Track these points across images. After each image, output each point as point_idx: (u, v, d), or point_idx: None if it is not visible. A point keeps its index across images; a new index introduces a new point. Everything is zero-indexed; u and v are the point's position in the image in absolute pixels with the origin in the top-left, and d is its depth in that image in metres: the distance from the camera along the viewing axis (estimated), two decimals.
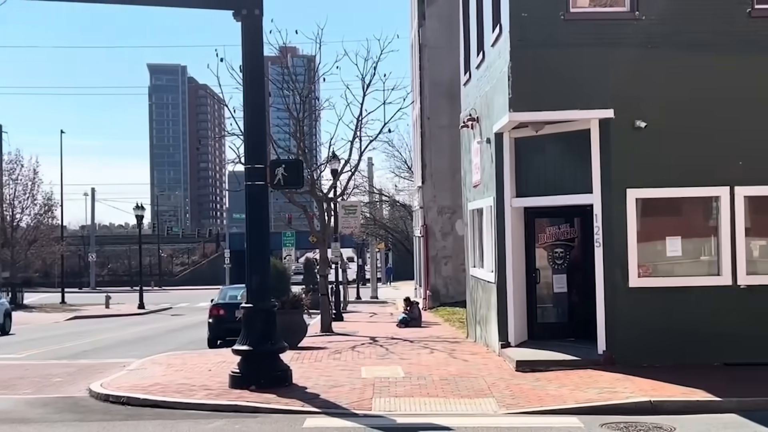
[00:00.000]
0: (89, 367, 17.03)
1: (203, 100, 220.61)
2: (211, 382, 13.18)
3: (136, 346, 22.82)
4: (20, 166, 51.30)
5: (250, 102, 13.20)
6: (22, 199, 51.20)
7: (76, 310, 44.74)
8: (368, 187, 55.02)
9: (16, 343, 25.16)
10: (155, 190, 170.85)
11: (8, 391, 13.61)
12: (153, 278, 79.37)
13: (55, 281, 67.04)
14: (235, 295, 22.73)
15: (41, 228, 52.17)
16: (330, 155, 26.41)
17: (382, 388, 12.31)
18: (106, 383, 13.35)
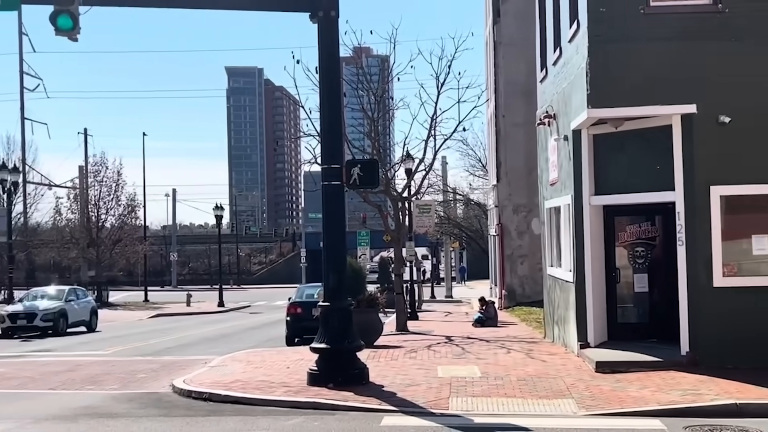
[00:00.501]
0: (172, 363, 17.50)
1: (279, 101, 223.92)
2: (289, 379, 13.38)
3: (216, 343, 23.33)
4: (105, 168, 52.97)
5: (326, 103, 13.33)
6: (107, 200, 52.84)
7: (158, 308, 46.00)
8: (442, 186, 54.90)
9: (102, 340, 26.03)
10: (233, 190, 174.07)
11: (96, 387, 14.08)
12: (232, 277, 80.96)
13: (138, 280, 69.03)
14: (312, 293, 22.99)
15: (125, 228, 53.71)
16: (404, 154, 26.46)
17: (458, 388, 12.27)
18: (189, 379, 13.69)
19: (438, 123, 23.58)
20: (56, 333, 27.92)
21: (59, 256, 62.68)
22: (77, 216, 52.64)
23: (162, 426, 10.34)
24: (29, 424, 10.56)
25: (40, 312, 28.31)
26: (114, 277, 66.66)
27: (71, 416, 11.06)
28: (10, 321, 28.04)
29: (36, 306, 28.86)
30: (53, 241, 58.88)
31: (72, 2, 12.41)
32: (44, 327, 28.06)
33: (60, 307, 29.02)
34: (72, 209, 53.45)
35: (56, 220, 57.07)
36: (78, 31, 12.43)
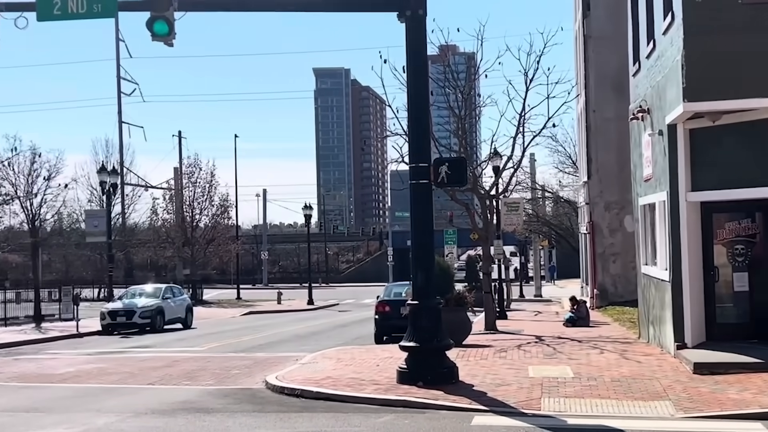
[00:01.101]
0: (264, 360, 17.86)
1: (365, 101, 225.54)
2: (379, 377, 13.46)
3: (306, 341, 23.67)
4: (199, 170, 54.38)
5: (413, 102, 13.35)
6: (201, 201, 54.24)
7: (250, 306, 46.98)
8: (531, 183, 54.18)
9: (197, 336, 26.76)
10: (321, 190, 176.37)
11: (192, 382, 14.49)
12: (320, 275, 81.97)
13: (230, 278, 70.67)
14: (400, 292, 23.06)
15: (218, 228, 55.04)
16: (492, 152, 26.22)
17: (550, 388, 12.10)
18: (281, 376, 13.94)
19: (526, 120, 23.28)
20: (153, 330, 28.84)
21: (156, 255, 64.74)
22: (173, 216, 54.24)
23: (256, 421, 10.55)
24: (130, 417, 10.94)
25: (138, 309, 29.30)
26: (208, 276, 68.44)
27: (169, 411, 11.41)
28: (111, 318, 29.11)
29: (135, 304, 29.87)
30: (150, 241, 60.88)
31: (167, 8, 12.80)
32: (142, 324, 29.02)
33: (157, 305, 29.98)
34: (168, 210, 55.12)
35: (153, 221, 58.99)
36: (173, 36, 12.81)
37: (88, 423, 10.56)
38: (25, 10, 13.19)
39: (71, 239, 52.78)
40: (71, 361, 18.62)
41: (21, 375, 16.03)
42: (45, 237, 39.10)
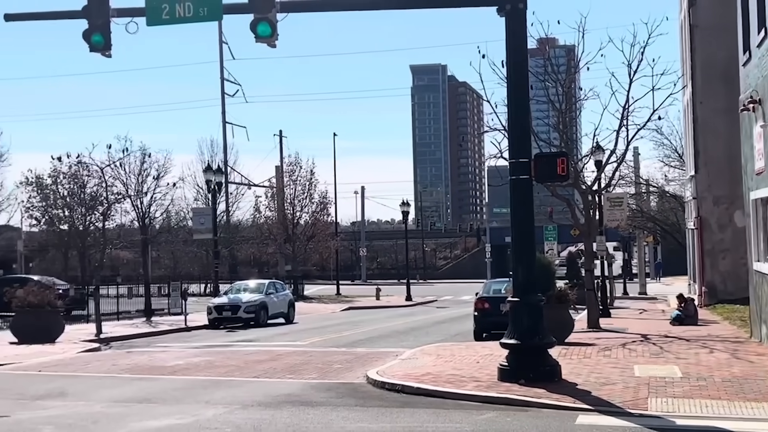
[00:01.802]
0: (365, 355, 18.05)
1: (462, 97, 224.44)
2: (479, 374, 13.40)
3: (405, 337, 23.78)
4: (299, 168, 55.38)
5: (513, 97, 13.22)
6: (301, 198, 55.25)
7: (350, 301, 47.53)
8: (635, 177, 52.75)
9: (299, 331, 27.27)
10: (418, 186, 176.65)
11: (295, 376, 14.78)
12: (418, 271, 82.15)
13: (330, 274, 71.68)
14: (499, 288, 22.88)
15: (318, 225, 55.91)
16: (594, 146, 25.67)
17: (657, 388, 11.77)
18: (382, 371, 14.06)
19: (630, 112, 22.69)
20: (257, 324, 29.56)
21: (258, 252, 66.30)
22: (274, 213, 55.44)
23: (358, 415, 10.69)
24: (237, 409, 11.27)
25: (243, 304, 30.10)
26: (308, 272, 69.62)
27: (275, 403, 11.69)
28: (217, 313, 30.01)
29: (239, 299, 30.69)
30: (253, 238, 62.44)
31: (270, 10, 13.09)
32: (247, 318, 29.79)
33: (261, 300, 30.72)
34: (270, 207, 56.40)
35: (255, 218, 60.55)
36: (276, 37, 13.09)
37: (198, 414, 10.93)
38: (135, 15, 13.74)
39: (179, 236, 54.61)
40: (180, 354, 19.30)
41: (134, 367, 16.71)
42: (154, 234, 40.54)
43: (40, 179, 38.08)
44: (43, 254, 67.83)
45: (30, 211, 39.32)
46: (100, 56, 13.84)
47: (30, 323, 22.51)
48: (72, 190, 37.69)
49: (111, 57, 13.77)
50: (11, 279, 33.94)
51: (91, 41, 13.52)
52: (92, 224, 38.46)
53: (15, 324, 23.08)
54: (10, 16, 14.57)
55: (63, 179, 37.86)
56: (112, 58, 13.83)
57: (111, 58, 13.75)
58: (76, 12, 13.70)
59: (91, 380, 14.79)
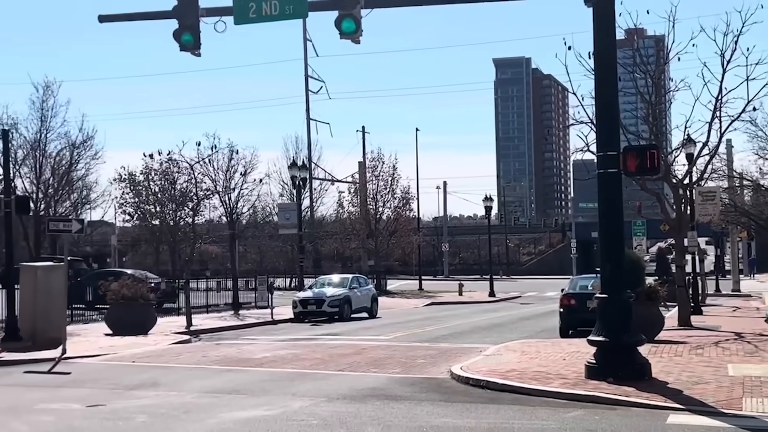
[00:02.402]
0: (448, 350, 18.01)
1: (547, 90, 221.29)
2: (566, 371, 13.20)
3: (489, 333, 23.61)
4: (381, 163, 55.58)
5: (601, 88, 12.95)
6: (384, 194, 55.46)
7: (432, 297, 47.49)
8: (728, 171, 50.91)
9: (382, 325, 27.41)
10: (501, 181, 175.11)
11: (379, 370, 14.86)
12: (501, 267, 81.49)
13: (412, 269, 71.76)
14: (586, 285, 22.47)
15: (400, 220, 56.05)
16: (685, 139, 24.89)
17: (753, 388, 11.36)
18: (466, 367, 14.00)
19: (723, 104, 21.89)
20: (341, 318, 29.86)
21: (342, 247, 66.95)
22: (357, 209, 55.86)
23: (443, 410, 10.67)
24: (323, 402, 11.40)
25: (327, 298, 30.45)
26: (390, 267, 69.89)
27: (359, 397, 11.78)
28: (302, 306, 30.44)
29: (324, 293, 31.05)
30: (336, 233, 63.05)
31: (354, 6, 13.17)
32: (331, 312, 30.12)
33: (345, 294, 31.01)
34: (353, 202, 56.82)
35: (339, 213, 61.07)
36: (360, 33, 13.17)
37: (285, 406, 11.11)
38: (223, 14, 14.03)
39: (265, 231, 55.62)
40: (267, 346, 19.65)
41: (223, 359, 17.10)
42: (241, 229, 41.40)
43: (133, 176, 39.27)
44: (136, 248, 70.22)
45: (123, 207, 40.53)
46: (190, 55, 14.19)
47: (124, 315, 23.30)
48: (163, 187, 38.71)
49: (200, 56, 14.10)
50: (106, 272, 35.17)
51: (182, 40, 13.88)
52: (182, 219, 39.42)
53: (110, 316, 23.94)
54: (104, 17, 15.08)
55: (154, 176, 38.92)
56: (201, 56, 14.13)
57: (200, 57, 14.07)
58: (166, 12, 14.09)
59: (182, 371, 15.21)
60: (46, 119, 33.92)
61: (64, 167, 34.93)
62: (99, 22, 14.86)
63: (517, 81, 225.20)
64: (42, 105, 33.86)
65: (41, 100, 33.85)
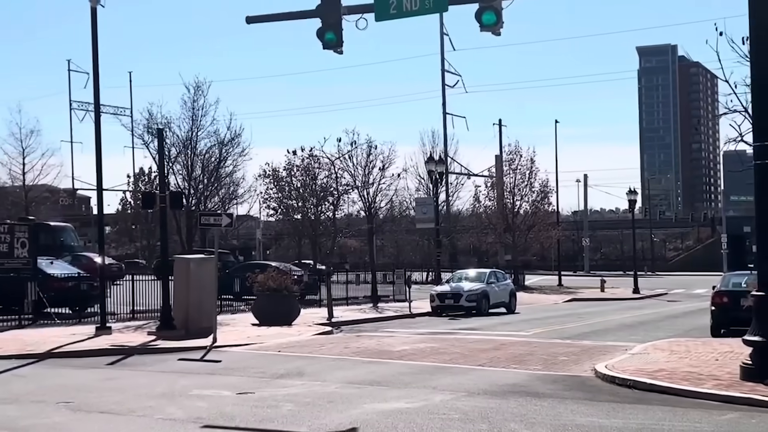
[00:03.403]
0: (591, 348, 17.56)
1: (695, 78, 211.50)
2: (718, 372, 12.60)
3: (634, 330, 22.87)
4: (519, 157, 54.88)
5: (758, 74, 12.21)
6: (521, 187, 54.76)
7: (572, 293, 46.50)
8: None
9: (521, 321, 27.08)
10: (645, 173, 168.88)
11: (520, 366, 14.67)
12: (645, 263, 78.74)
13: (551, 264, 70.56)
14: (739, 282, 21.35)
15: (538, 214, 55.19)
16: None
17: None
18: (611, 365, 13.60)
19: None
20: (479, 313, 29.73)
21: (478, 241, 66.66)
22: (494, 203, 55.44)
23: (588, 409, 10.41)
24: (464, 397, 11.37)
25: (465, 293, 30.41)
26: (528, 262, 68.97)
27: (500, 393, 11.67)
28: (439, 300, 30.55)
29: (461, 287, 31.03)
30: (473, 227, 62.80)
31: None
32: (468, 307, 30.06)
33: (482, 289, 30.87)
34: (489, 197, 56.46)
35: (475, 207, 60.81)
36: (501, 25, 13.02)
37: (426, 399, 11.17)
38: (364, 12, 14.24)
39: (401, 225, 56.16)
40: (406, 339, 19.82)
41: (363, 350, 17.39)
42: (379, 223, 41.95)
43: (276, 172, 40.59)
44: (279, 242, 72.63)
45: (267, 202, 42.04)
46: (332, 53, 14.49)
47: (269, 306, 24.14)
48: (304, 182, 39.85)
49: (342, 53, 14.37)
50: (253, 265, 36.59)
51: (325, 39, 14.19)
52: (323, 214, 40.45)
53: (256, 307, 24.87)
54: (251, 18, 15.63)
55: (296, 172, 40.12)
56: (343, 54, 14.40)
57: (342, 54, 14.34)
58: (310, 11, 14.44)
59: (325, 362, 15.58)
60: (196, 118, 35.55)
61: (214, 164, 36.50)
62: (246, 23, 15.42)
63: (662, 69, 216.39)
64: (193, 105, 35.51)
65: (192, 100, 35.50)
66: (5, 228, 22.73)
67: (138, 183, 72.39)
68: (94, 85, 21.06)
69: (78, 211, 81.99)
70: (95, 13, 20.43)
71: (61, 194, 70.40)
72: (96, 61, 20.67)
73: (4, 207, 55.70)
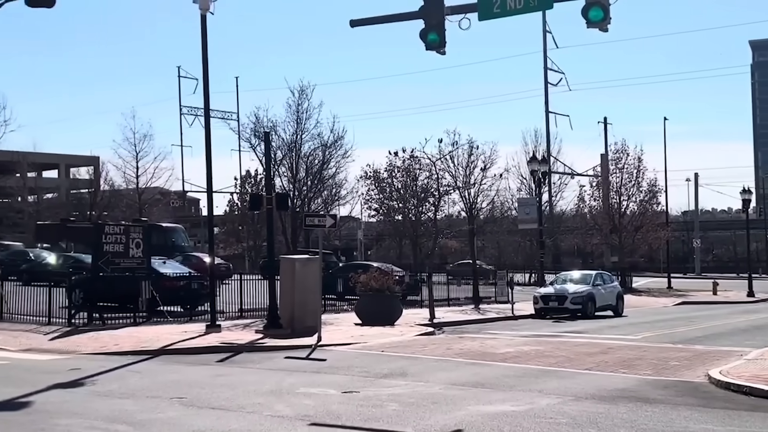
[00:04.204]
0: (704, 353, 16.94)
1: None
2: None
3: (750, 335, 21.95)
4: (625, 155, 53.53)
5: None
6: (628, 187, 53.40)
7: (682, 296, 44.97)
8: None
9: (629, 324, 26.36)
10: (759, 172, 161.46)
11: (628, 371, 14.28)
12: (760, 265, 75.33)
13: (659, 266, 68.42)
14: None
15: (646, 214, 53.68)
16: None
17: None
18: (725, 371, 13.10)
19: None
20: (584, 316, 29.12)
21: (582, 242, 65.33)
22: (599, 203, 54.22)
23: (701, 416, 10.04)
24: (571, 401, 11.15)
25: (569, 295, 29.86)
26: (635, 263, 67.14)
27: (609, 397, 11.39)
28: (543, 302, 30.09)
29: (566, 289, 30.47)
30: (577, 228, 61.58)
31: None
32: (573, 309, 29.49)
33: (588, 291, 30.23)
34: (594, 196, 55.27)
35: (579, 207, 59.63)
36: (608, 21, 12.72)
37: (532, 402, 11.01)
38: (467, 11, 14.16)
39: (503, 226, 55.62)
40: (510, 341, 19.60)
41: (466, 352, 17.29)
42: (480, 224, 41.69)
43: (378, 173, 40.90)
44: (380, 243, 73.14)
45: (368, 203, 42.39)
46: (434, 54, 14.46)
47: (372, 306, 24.33)
48: (405, 183, 40.01)
49: (445, 54, 14.33)
50: (355, 265, 36.98)
51: (428, 40, 14.19)
52: (423, 215, 40.49)
53: (359, 306, 25.11)
54: (355, 22, 15.78)
55: (397, 173, 40.31)
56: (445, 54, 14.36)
57: (445, 55, 14.31)
58: (413, 13, 14.47)
59: (428, 362, 15.58)
60: (301, 121, 36.29)
61: (317, 166, 37.17)
62: (350, 26, 15.57)
63: None
64: (297, 108, 36.27)
65: (296, 103, 36.27)
66: (121, 229, 23.71)
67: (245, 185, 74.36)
68: (204, 90, 21.73)
69: (188, 212, 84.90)
70: (205, 20, 21.06)
71: (171, 196, 73.06)
72: (206, 67, 21.32)
73: (119, 209, 58.29)
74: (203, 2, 20.75)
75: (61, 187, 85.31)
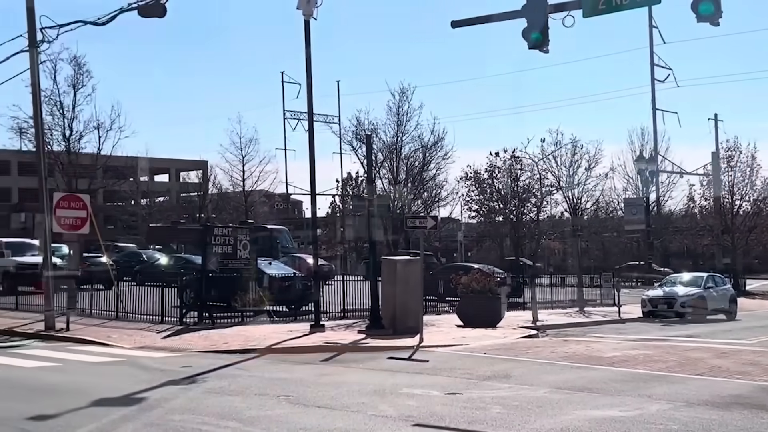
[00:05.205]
0: None
1: None
2: None
3: None
4: (738, 153, 51.52)
5: None
6: (741, 186, 51.38)
7: None
8: None
9: (743, 329, 25.32)
10: None
11: (744, 377, 13.70)
12: None
13: None
14: None
15: (761, 214, 51.48)
16: None
17: None
18: None
19: None
20: (695, 320, 28.14)
21: (692, 243, 63.15)
22: (710, 202, 52.31)
23: None
24: (682, 407, 10.79)
25: (679, 298, 28.95)
26: (749, 265, 64.41)
27: (722, 404, 10.96)
28: (651, 305, 29.27)
29: (675, 292, 29.57)
30: (686, 228, 59.56)
31: None
32: (683, 312, 28.56)
33: (699, 294, 29.25)
34: (705, 196, 53.38)
35: (689, 207, 57.70)
36: (720, 15, 12.26)
37: (641, 407, 10.71)
38: (571, 9, 13.92)
39: (608, 226, 54.35)
40: (616, 345, 19.14)
41: (571, 355, 16.97)
42: (584, 225, 40.94)
43: (478, 174, 40.76)
44: (480, 244, 72.66)
45: (469, 204, 42.31)
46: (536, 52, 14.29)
47: (473, 308, 24.20)
48: (506, 184, 39.69)
49: (548, 52, 14.15)
50: (455, 266, 36.90)
51: (530, 38, 14.03)
52: (525, 215, 40.08)
53: (460, 308, 25.02)
54: (456, 23, 15.75)
55: (498, 173, 40.05)
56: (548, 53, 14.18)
57: (548, 53, 14.13)
58: (515, 12, 14.33)
59: (531, 365, 15.38)
60: (401, 123, 36.51)
61: (417, 168, 37.29)
62: (451, 27, 15.54)
63: None
64: (398, 110, 36.50)
65: (397, 105, 36.51)
66: (228, 231, 24.42)
67: (346, 187, 75.28)
68: (308, 95, 22.13)
69: (291, 214, 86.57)
70: (308, 25, 21.42)
71: (276, 198, 74.69)
72: (309, 72, 21.70)
73: (226, 211, 60.01)
74: (307, 8, 21.10)
75: (171, 190, 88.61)
